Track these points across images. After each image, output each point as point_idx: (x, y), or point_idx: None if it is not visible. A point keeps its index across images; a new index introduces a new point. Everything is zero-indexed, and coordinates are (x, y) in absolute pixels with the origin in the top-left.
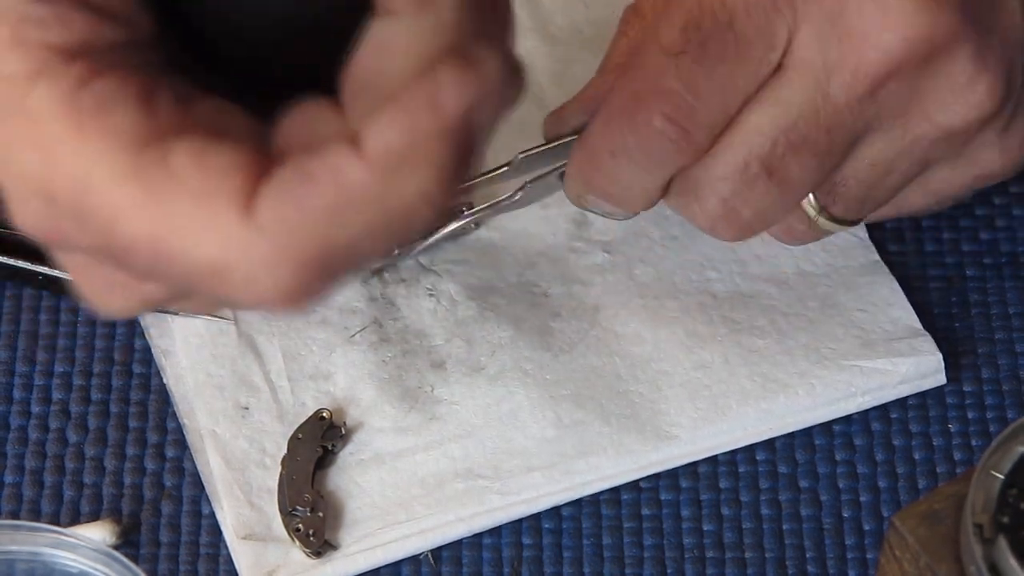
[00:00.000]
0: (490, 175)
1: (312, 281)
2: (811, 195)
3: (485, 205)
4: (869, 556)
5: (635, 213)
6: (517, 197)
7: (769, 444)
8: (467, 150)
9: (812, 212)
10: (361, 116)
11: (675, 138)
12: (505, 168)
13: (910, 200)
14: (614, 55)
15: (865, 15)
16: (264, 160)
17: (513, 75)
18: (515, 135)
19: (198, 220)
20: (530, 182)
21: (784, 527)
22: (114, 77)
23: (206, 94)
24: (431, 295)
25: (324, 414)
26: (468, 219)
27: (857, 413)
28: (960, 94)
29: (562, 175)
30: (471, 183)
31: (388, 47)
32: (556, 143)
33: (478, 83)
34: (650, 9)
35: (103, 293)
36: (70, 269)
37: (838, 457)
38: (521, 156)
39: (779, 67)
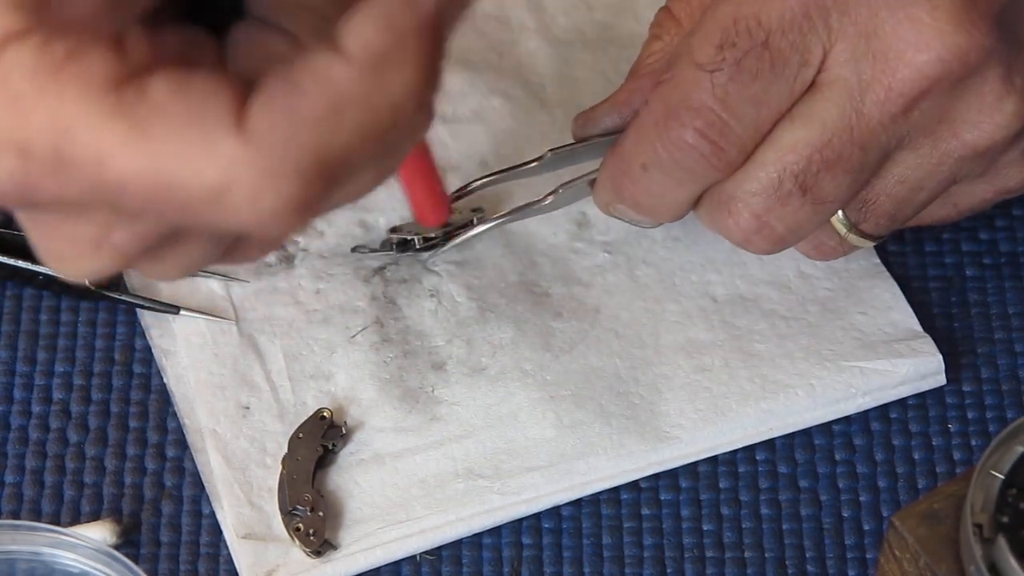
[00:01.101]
0: (520, 168)
1: (314, 191)
2: (841, 212)
3: (514, 208)
4: (869, 556)
5: (662, 223)
6: (548, 201)
7: (769, 444)
8: (442, 45)
9: (843, 229)
10: (306, 26)
11: (708, 154)
12: (535, 163)
13: (932, 212)
14: (647, 59)
15: (901, 34)
16: (239, 81)
17: None
18: (517, 135)
19: (191, 145)
20: (562, 187)
21: (784, 527)
22: (80, 27)
23: (172, 25)
24: (432, 296)
25: (325, 414)
26: (497, 221)
27: (857, 413)
28: (988, 113)
29: (592, 182)
30: (503, 174)
31: None
32: (587, 142)
33: None
34: (685, 15)
35: (70, 252)
36: (34, 230)
37: (838, 457)
38: (551, 153)
39: (813, 84)
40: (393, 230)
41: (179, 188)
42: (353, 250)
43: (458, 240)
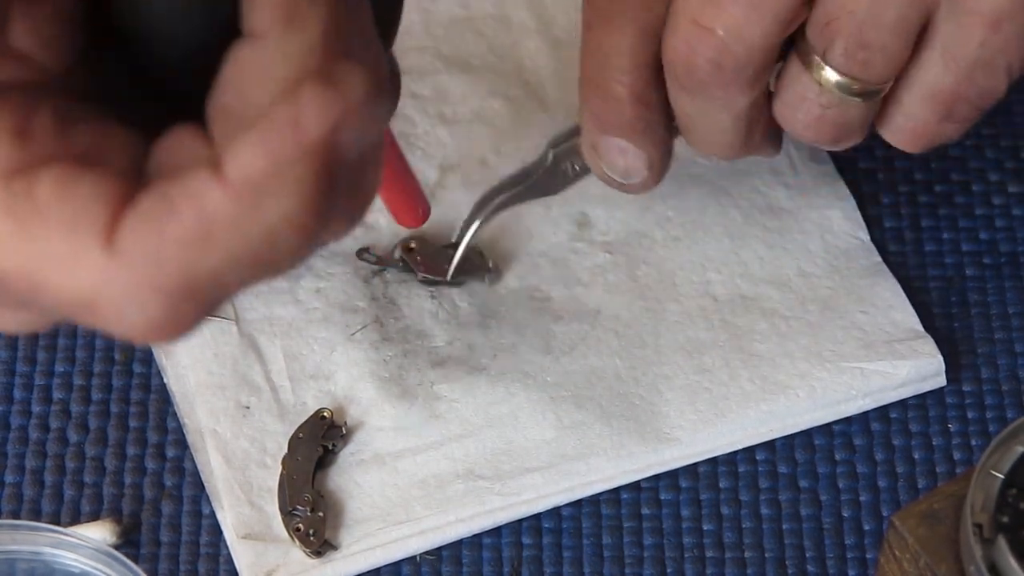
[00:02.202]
0: (529, 178)
1: (181, 312)
2: (810, 43)
3: (516, 186)
4: (869, 556)
5: (647, 170)
6: (540, 174)
7: (769, 444)
8: (335, 173)
9: (815, 60)
10: (224, 141)
11: None
12: (537, 164)
13: (934, 77)
14: None
15: None
16: (131, 188)
17: (381, 90)
18: (517, 136)
19: (64, 252)
20: (554, 150)
21: (784, 527)
22: None
23: (93, 112)
24: (433, 297)
25: (325, 413)
26: (496, 209)
27: (857, 414)
28: None
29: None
30: (513, 192)
31: (252, 71)
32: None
33: (340, 102)
34: None
35: None
36: None
37: (838, 457)
38: (549, 141)
39: None
40: (403, 247)
41: (51, 292)
42: (358, 254)
43: (457, 257)
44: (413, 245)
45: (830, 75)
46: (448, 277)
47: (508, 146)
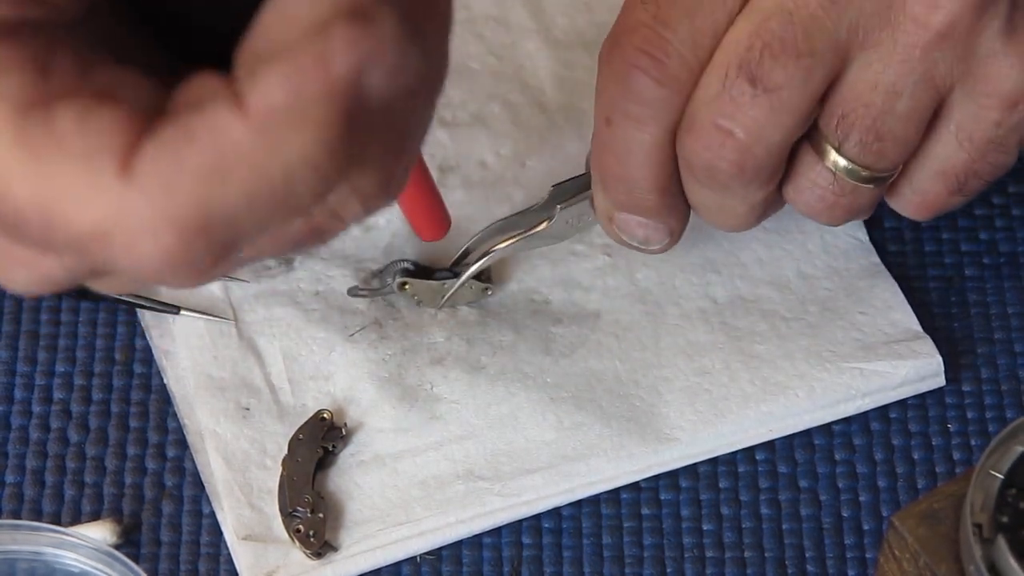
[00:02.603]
0: (529, 220)
1: (195, 248)
2: (824, 134)
3: (514, 236)
4: (868, 556)
5: (668, 237)
6: (542, 227)
7: (769, 444)
8: (358, 114)
9: (829, 153)
10: (248, 77)
11: (649, 67)
12: (539, 208)
13: (947, 154)
14: None
15: None
16: (149, 120)
17: (416, 33)
18: (516, 138)
19: (80, 182)
20: (561, 206)
21: (784, 527)
22: (6, 42)
23: (112, 62)
24: None
25: (325, 415)
26: (495, 255)
27: (856, 414)
28: None
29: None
30: (514, 239)
31: (284, 15)
32: (587, 173)
33: (369, 39)
34: None
35: (5, 268)
36: None
37: (837, 457)
38: (553, 187)
39: None
40: (399, 286)
41: (66, 224)
42: (350, 292)
43: (453, 291)
44: (407, 285)
45: (843, 164)
46: (439, 307)
47: (507, 148)
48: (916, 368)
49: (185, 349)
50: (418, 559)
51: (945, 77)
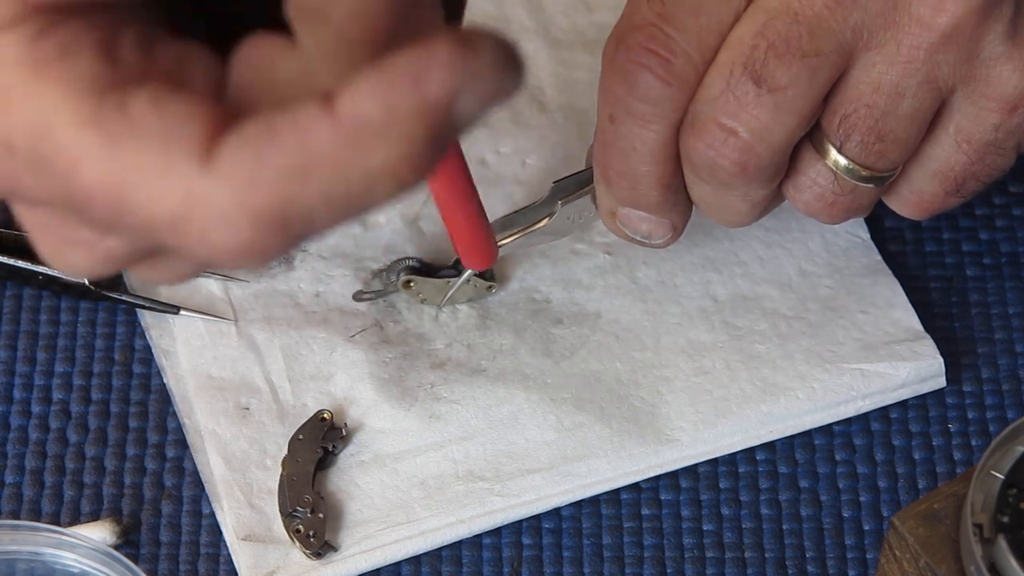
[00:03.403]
0: (533, 217)
1: (267, 239)
2: (826, 133)
3: (515, 232)
4: (869, 556)
5: (671, 232)
6: (543, 223)
7: (769, 444)
8: (444, 133)
9: (831, 153)
10: (315, 52)
11: (655, 66)
12: (541, 204)
13: (948, 159)
14: None
15: None
16: (225, 110)
17: (508, 68)
18: (516, 137)
19: (157, 168)
20: (562, 201)
21: (784, 527)
22: (76, 24)
23: (172, 37)
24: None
25: (325, 415)
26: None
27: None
28: None
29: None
30: (519, 234)
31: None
32: (588, 168)
33: (470, 68)
34: None
35: (64, 250)
36: (29, 224)
37: (838, 457)
38: (554, 183)
39: None
40: (406, 270)
41: (138, 208)
42: (355, 296)
43: (455, 287)
44: (412, 283)
45: (844, 163)
46: (441, 305)
47: (507, 147)
48: (917, 370)
49: (185, 349)
50: (420, 558)
51: (947, 79)
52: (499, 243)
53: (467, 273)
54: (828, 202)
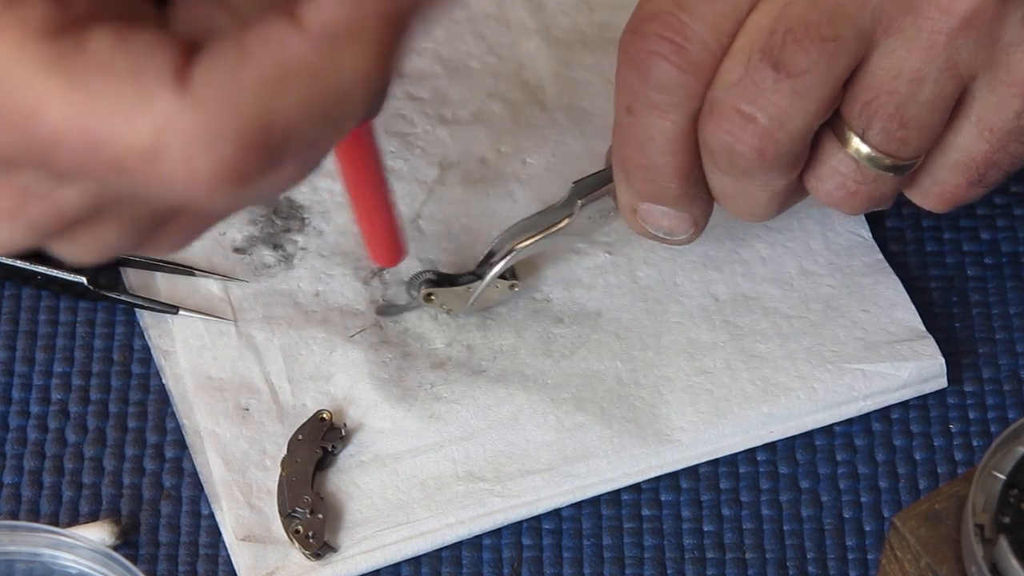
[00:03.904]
0: (551, 220)
1: (250, 160)
2: (847, 122)
3: (536, 235)
4: (870, 556)
5: (692, 227)
6: (564, 223)
7: (770, 445)
8: (406, 32)
9: (853, 141)
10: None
11: (669, 53)
12: (561, 206)
13: (967, 145)
14: None
15: None
16: (186, 39)
17: None
18: (517, 136)
19: (128, 100)
20: (582, 200)
21: (785, 528)
22: None
23: None
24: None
25: (324, 415)
26: (517, 254)
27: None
28: None
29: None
30: (537, 237)
31: None
32: (607, 168)
33: None
34: None
35: (13, 209)
36: None
37: (839, 458)
38: (574, 183)
39: None
40: (426, 283)
41: (112, 144)
42: (378, 311)
43: (479, 292)
44: (433, 296)
45: (866, 152)
46: (469, 312)
47: (508, 146)
48: (919, 370)
49: (184, 349)
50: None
51: (968, 65)
52: (520, 246)
53: (488, 276)
54: (850, 191)
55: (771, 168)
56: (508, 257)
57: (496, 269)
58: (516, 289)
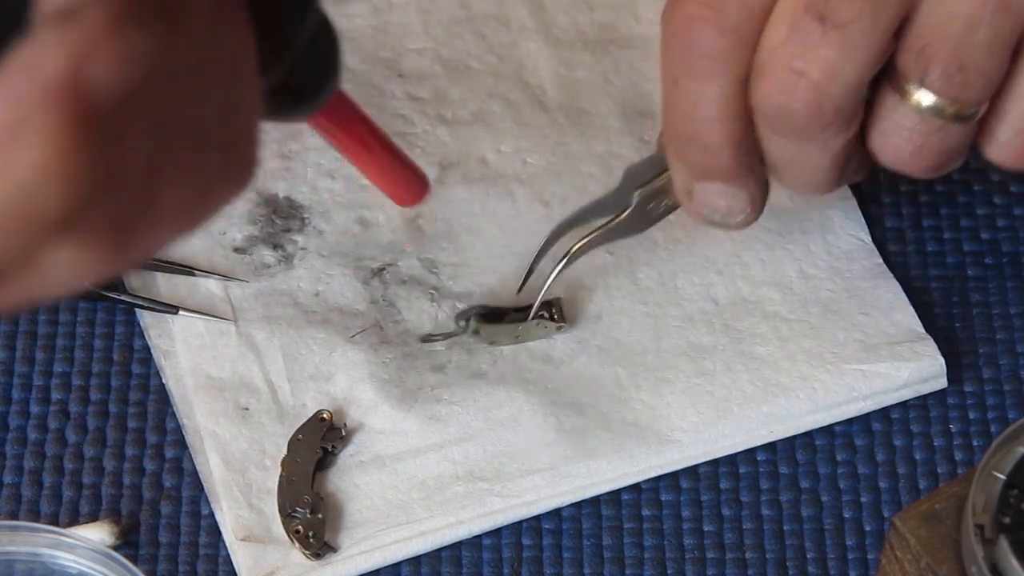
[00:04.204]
0: (599, 204)
1: None
2: (903, 73)
3: (594, 232)
4: (870, 557)
5: (749, 206)
6: (624, 215)
7: (770, 445)
8: (102, 110)
9: (912, 90)
10: None
11: (709, 18)
12: (625, 213)
13: None
14: None
15: None
16: None
17: (137, 23)
18: (517, 136)
19: None
20: (639, 189)
21: (785, 528)
22: None
23: None
24: (432, 300)
25: (324, 415)
26: (575, 255)
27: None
28: None
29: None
30: (596, 231)
31: None
32: (659, 154)
33: (80, 37)
34: None
35: None
36: None
37: (839, 458)
38: (627, 169)
39: None
40: (476, 318)
41: None
42: (422, 339)
43: (533, 311)
44: (481, 331)
45: (928, 101)
46: (515, 339)
47: (508, 146)
48: (918, 370)
49: (184, 349)
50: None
51: (1021, 5)
52: (577, 246)
53: (532, 315)
54: (917, 144)
55: (828, 124)
56: (565, 260)
57: (554, 274)
58: (563, 330)
